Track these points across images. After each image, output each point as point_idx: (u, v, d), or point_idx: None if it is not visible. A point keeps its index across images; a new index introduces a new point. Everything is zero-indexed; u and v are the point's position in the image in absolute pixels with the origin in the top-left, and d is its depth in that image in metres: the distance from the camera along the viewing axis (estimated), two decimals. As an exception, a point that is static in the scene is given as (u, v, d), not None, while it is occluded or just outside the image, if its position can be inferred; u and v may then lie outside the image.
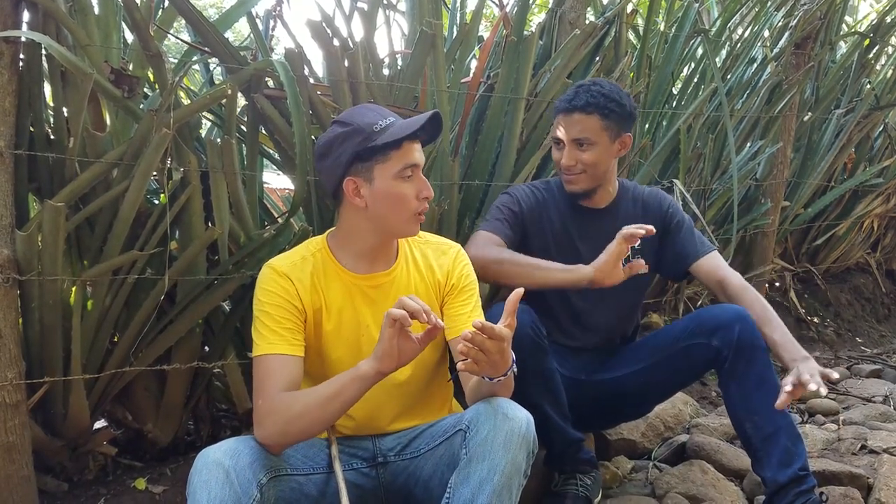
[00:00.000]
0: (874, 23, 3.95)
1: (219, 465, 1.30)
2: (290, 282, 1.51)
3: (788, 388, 1.61)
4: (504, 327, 1.31)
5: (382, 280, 1.58)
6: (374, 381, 1.39)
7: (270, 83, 1.99)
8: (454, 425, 1.45)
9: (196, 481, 1.29)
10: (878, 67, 4.28)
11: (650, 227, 1.69)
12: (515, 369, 1.42)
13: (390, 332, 1.34)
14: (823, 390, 1.58)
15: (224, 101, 1.91)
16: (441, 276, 1.63)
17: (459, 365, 1.35)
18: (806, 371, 1.62)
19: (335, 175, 1.50)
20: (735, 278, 1.91)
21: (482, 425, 1.36)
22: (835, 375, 1.64)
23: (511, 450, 1.33)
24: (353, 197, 1.50)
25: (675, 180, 2.79)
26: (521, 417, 1.37)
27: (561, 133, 1.90)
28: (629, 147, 1.95)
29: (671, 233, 1.99)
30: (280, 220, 2.26)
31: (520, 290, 1.35)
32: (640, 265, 1.74)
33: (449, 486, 1.36)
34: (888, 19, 3.91)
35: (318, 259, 1.55)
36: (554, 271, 1.78)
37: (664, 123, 3.05)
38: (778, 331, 1.78)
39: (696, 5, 3.07)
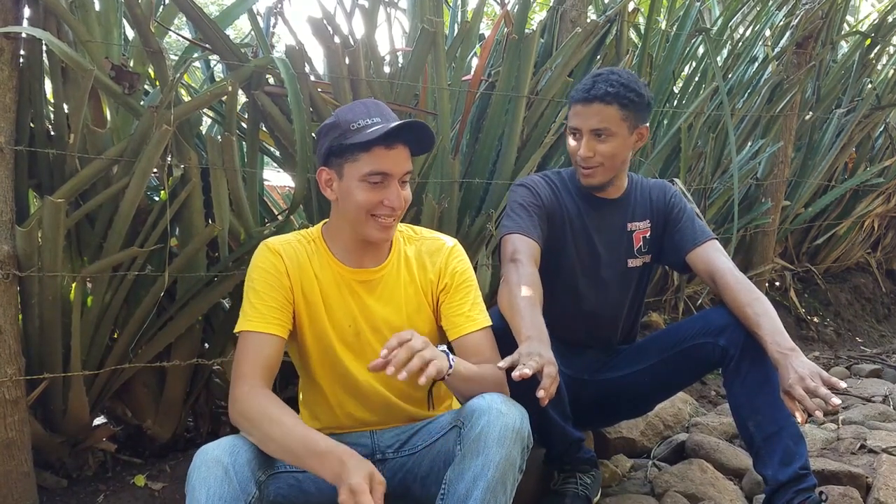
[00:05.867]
0: (875, 22, 3.95)
1: (217, 462, 1.30)
2: (280, 259, 1.52)
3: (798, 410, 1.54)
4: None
5: (370, 276, 1.57)
6: (324, 475, 1.30)
7: (271, 80, 1.98)
8: (450, 422, 1.45)
9: (195, 478, 1.29)
10: (879, 67, 4.28)
11: None
12: (451, 372, 1.40)
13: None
14: (836, 400, 1.48)
15: (224, 97, 1.91)
16: (433, 275, 1.62)
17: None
18: (808, 377, 1.53)
19: (318, 164, 1.54)
20: (726, 270, 1.83)
21: (476, 421, 1.36)
22: (842, 385, 1.53)
23: (505, 445, 1.33)
24: (325, 188, 1.53)
25: (675, 179, 2.79)
26: (515, 413, 1.37)
27: (578, 123, 1.84)
28: (646, 139, 1.91)
29: (671, 222, 1.98)
30: (280, 217, 2.27)
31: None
32: None
33: (444, 481, 1.36)
34: (889, 19, 3.91)
35: (312, 246, 1.57)
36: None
37: (665, 122, 3.05)
38: (765, 322, 1.69)
39: (698, 4, 3.07)
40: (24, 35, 1.63)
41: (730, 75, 3.30)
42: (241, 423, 1.40)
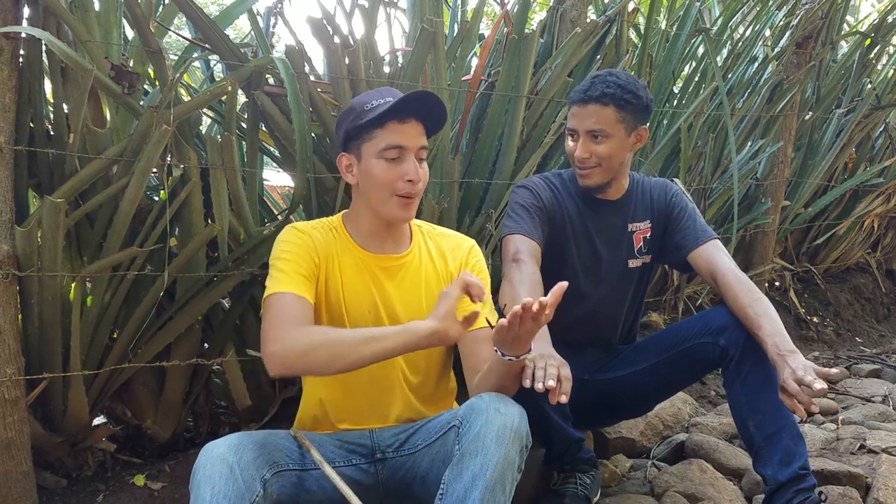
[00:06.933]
0: (875, 22, 3.95)
1: (223, 460, 1.30)
2: (309, 238, 1.54)
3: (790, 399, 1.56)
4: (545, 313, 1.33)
5: (392, 263, 1.59)
6: (422, 340, 1.38)
7: (271, 80, 1.98)
8: (448, 422, 1.45)
9: (200, 476, 1.29)
10: (879, 67, 4.27)
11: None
12: (530, 357, 1.44)
13: (458, 295, 1.36)
14: (818, 385, 1.50)
15: (224, 97, 1.91)
16: (454, 269, 1.64)
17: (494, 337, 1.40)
18: (800, 369, 1.55)
19: (337, 152, 1.58)
20: (728, 270, 1.84)
21: (474, 421, 1.36)
22: (833, 371, 1.56)
23: (504, 444, 1.33)
24: (346, 173, 1.57)
25: (675, 179, 2.79)
26: (514, 412, 1.37)
27: (575, 124, 1.85)
28: (645, 140, 1.91)
29: (672, 222, 1.99)
30: (280, 217, 2.27)
31: (563, 284, 1.33)
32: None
33: (442, 481, 1.36)
34: (889, 19, 3.91)
35: (334, 233, 1.59)
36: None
37: (665, 122, 3.05)
38: (766, 323, 1.70)
39: (698, 4, 3.07)
40: (23, 35, 1.63)
41: (730, 75, 3.30)
42: (293, 357, 1.38)
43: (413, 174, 1.49)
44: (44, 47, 1.69)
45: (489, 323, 1.56)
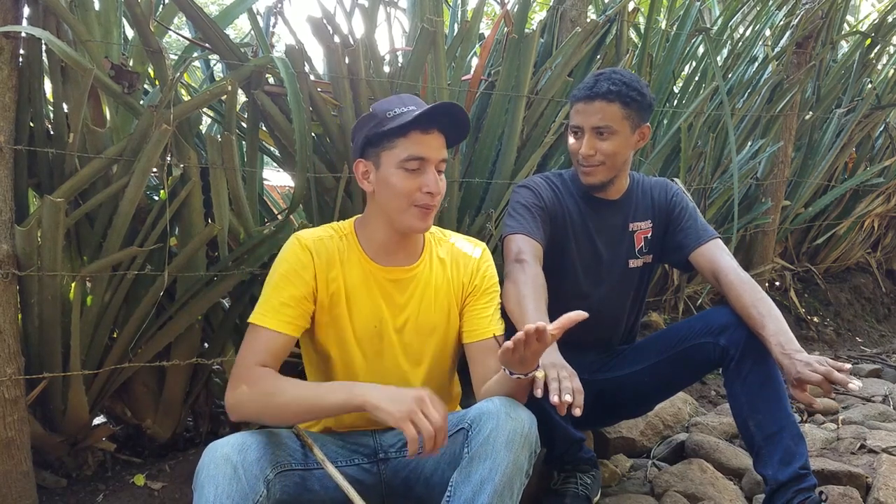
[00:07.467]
0: (875, 22, 3.95)
1: (227, 460, 1.30)
2: (309, 256, 1.52)
3: (801, 392, 1.57)
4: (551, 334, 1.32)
5: (402, 275, 1.57)
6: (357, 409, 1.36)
7: (271, 80, 1.98)
8: (456, 424, 1.44)
9: (204, 475, 1.29)
10: (879, 67, 4.28)
11: None
12: (538, 374, 1.42)
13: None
14: (854, 383, 1.50)
15: (224, 97, 1.91)
16: (465, 277, 1.63)
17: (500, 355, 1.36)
18: (815, 361, 1.55)
19: (354, 158, 1.55)
20: (730, 269, 1.84)
21: (485, 424, 1.35)
22: (847, 366, 1.54)
23: (513, 450, 1.33)
24: (362, 180, 1.53)
25: (675, 179, 2.79)
26: (524, 417, 1.37)
27: (580, 121, 1.84)
28: (647, 138, 1.91)
29: (673, 221, 1.98)
30: (280, 216, 2.27)
31: (582, 314, 1.33)
32: None
33: (450, 484, 1.36)
34: (889, 19, 3.91)
35: (344, 242, 1.57)
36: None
37: (665, 122, 3.05)
38: (770, 323, 1.70)
39: (698, 4, 3.07)
40: (23, 34, 1.63)
41: (730, 75, 3.30)
42: (244, 403, 1.41)
43: (433, 186, 1.47)
44: (44, 47, 1.69)
45: (497, 339, 1.56)
